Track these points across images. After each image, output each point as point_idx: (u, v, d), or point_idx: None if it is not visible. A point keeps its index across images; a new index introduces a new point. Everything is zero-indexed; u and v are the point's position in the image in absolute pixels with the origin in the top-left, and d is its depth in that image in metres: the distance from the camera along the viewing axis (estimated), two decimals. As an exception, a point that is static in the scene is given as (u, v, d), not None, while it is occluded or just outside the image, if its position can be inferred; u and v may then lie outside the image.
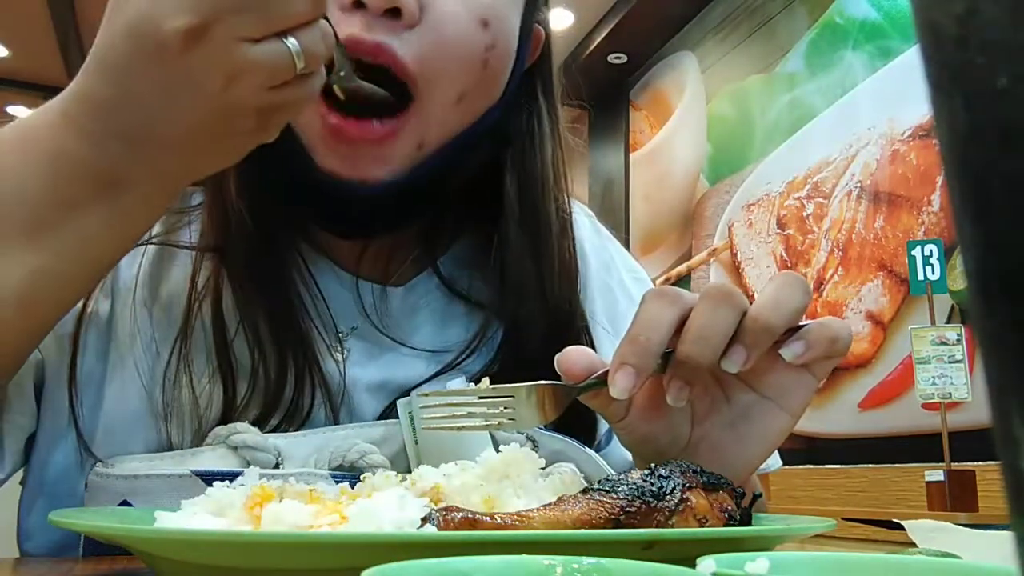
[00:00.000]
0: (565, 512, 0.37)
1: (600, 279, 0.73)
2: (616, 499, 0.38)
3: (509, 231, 0.61)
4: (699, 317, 0.46)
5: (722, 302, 0.46)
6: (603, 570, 0.27)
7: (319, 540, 0.31)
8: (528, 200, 0.62)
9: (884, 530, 1.98)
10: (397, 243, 0.64)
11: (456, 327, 0.64)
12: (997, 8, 0.12)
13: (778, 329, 0.46)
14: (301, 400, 0.57)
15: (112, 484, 0.53)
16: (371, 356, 0.61)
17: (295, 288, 0.60)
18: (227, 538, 0.33)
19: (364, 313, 0.62)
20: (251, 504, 0.37)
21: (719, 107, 4.01)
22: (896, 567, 0.30)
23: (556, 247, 0.62)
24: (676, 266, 4.23)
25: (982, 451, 2.29)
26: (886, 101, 2.99)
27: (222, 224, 0.58)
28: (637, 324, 0.46)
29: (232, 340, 0.58)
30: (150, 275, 0.60)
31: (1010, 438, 0.13)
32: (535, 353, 0.58)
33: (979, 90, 0.13)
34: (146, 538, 0.34)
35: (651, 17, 4.27)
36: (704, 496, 0.40)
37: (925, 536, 0.55)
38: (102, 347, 0.58)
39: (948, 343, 2.27)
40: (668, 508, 0.38)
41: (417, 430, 0.58)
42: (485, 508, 0.39)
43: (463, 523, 0.34)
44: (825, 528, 0.44)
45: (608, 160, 5.04)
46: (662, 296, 0.47)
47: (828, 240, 3.20)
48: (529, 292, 0.61)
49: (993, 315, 0.13)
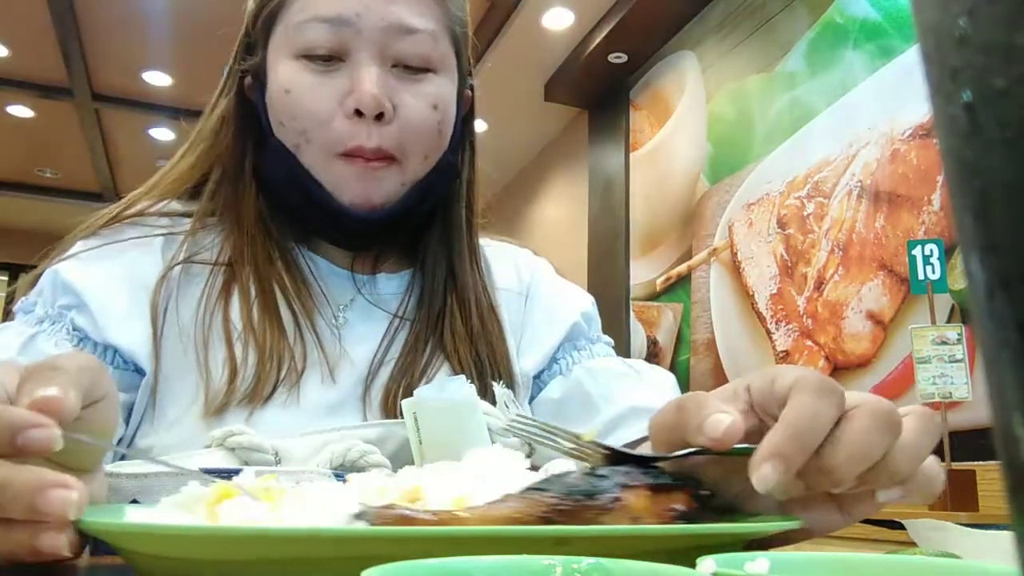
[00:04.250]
0: (499, 510, 0.37)
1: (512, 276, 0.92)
2: (549, 497, 0.38)
3: (433, 235, 0.84)
4: (864, 435, 0.42)
5: (888, 430, 0.43)
6: (603, 570, 0.27)
7: (241, 533, 0.35)
8: (454, 206, 0.84)
9: (884, 530, 1.98)
10: (383, 252, 0.84)
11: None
12: (997, 8, 0.12)
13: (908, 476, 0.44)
14: (295, 361, 0.72)
15: (122, 484, 0.55)
16: (365, 323, 0.79)
17: (300, 275, 0.78)
18: (154, 530, 0.36)
19: (358, 290, 0.81)
20: (212, 501, 0.40)
21: (719, 107, 4.01)
22: (896, 567, 0.30)
23: (466, 242, 0.84)
24: (676, 266, 4.23)
25: (982, 451, 2.29)
26: (886, 101, 2.99)
27: (240, 241, 0.77)
28: (799, 418, 0.42)
29: (245, 333, 0.72)
30: (180, 281, 0.76)
31: (1011, 437, 0.13)
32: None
33: (979, 90, 0.13)
34: (103, 529, 0.37)
35: (651, 17, 4.27)
36: (647, 497, 0.40)
37: (925, 536, 0.55)
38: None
39: (948, 343, 2.27)
40: (599, 507, 0.38)
41: (421, 430, 0.58)
42: (455, 507, 0.40)
43: (398, 520, 0.35)
44: (775, 528, 0.43)
45: (608, 160, 5.04)
46: (827, 394, 0.43)
47: (828, 240, 3.20)
48: (441, 274, 0.82)
49: (993, 315, 0.13)
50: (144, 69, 5.20)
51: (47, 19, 4.64)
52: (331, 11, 0.72)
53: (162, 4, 4.51)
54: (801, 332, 3.28)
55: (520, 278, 0.91)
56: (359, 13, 0.72)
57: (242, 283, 0.76)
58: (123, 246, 0.76)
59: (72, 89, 5.42)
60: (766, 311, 3.50)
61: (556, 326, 0.86)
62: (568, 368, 0.84)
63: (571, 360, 0.84)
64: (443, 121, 0.77)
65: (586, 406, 0.80)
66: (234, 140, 0.79)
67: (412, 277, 0.84)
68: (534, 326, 0.87)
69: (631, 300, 4.62)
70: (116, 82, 5.41)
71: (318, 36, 0.72)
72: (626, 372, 0.83)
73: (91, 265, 0.74)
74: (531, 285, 0.90)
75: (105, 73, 5.30)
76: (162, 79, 5.28)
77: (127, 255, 0.75)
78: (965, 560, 0.35)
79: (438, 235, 0.84)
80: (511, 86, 5.00)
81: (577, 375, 0.82)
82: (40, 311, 0.72)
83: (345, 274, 0.82)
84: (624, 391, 0.79)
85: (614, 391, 0.80)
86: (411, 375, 0.75)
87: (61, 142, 6.31)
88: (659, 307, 4.36)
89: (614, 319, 4.66)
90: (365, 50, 0.73)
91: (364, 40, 0.72)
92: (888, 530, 1.95)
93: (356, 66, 0.73)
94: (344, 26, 0.72)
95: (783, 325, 3.39)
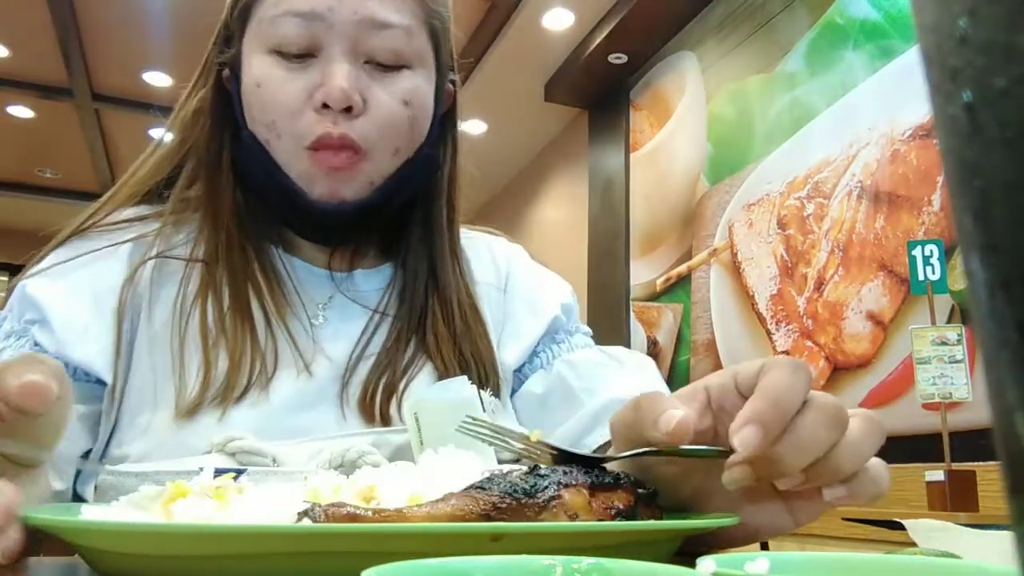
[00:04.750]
0: (441, 508, 0.38)
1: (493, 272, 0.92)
2: (489, 496, 0.39)
3: (413, 231, 0.83)
4: (812, 428, 0.44)
5: (835, 426, 0.45)
6: (603, 570, 0.27)
7: (191, 530, 0.36)
8: (435, 203, 0.83)
9: (884, 530, 1.98)
10: (359, 249, 0.84)
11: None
12: (997, 9, 0.12)
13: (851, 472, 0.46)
14: (265, 363, 0.72)
15: (125, 482, 0.55)
16: (344, 321, 0.79)
17: (276, 276, 0.78)
18: (107, 527, 0.38)
19: (336, 288, 0.81)
20: (166, 500, 0.42)
21: (719, 107, 4.01)
22: (896, 567, 0.30)
23: (447, 236, 0.84)
24: (676, 266, 4.23)
25: (982, 451, 2.29)
26: (886, 101, 2.99)
27: (214, 239, 0.77)
28: (775, 387, 0.44)
29: (216, 336, 0.73)
30: (152, 281, 0.76)
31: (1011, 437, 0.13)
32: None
33: (979, 90, 0.13)
34: (59, 526, 0.39)
35: (651, 17, 4.27)
36: (585, 494, 0.41)
37: (925, 536, 0.56)
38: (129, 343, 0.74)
39: (948, 343, 2.27)
40: (538, 504, 0.40)
41: (423, 431, 0.59)
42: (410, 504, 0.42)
43: (344, 517, 0.36)
44: (711, 525, 0.45)
45: (608, 160, 5.04)
46: (799, 370, 0.45)
47: (828, 240, 3.20)
48: (423, 273, 0.83)
49: (993, 315, 0.13)
50: (144, 69, 5.21)
51: (47, 19, 4.64)
52: (304, 5, 0.72)
53: (162, 4, 4.51)
54: (801, 332, 3.28)
55: (497, 270, 0.90)
56: (332, 8, 0.72)
57: (216, 285, 0.75)
58: (90, 257, 0.76)
59: (72, 89, 5.42)
60: (766, 311, 3.50)
61: (537, 319, 0.86)
62: (549, 362, 0.84)
63: (551, 354, 0.85)
64: (415, 116, 0.76)
65: (568, 400, 0.80)
66: (210, 132, 0.79)
67: (393, 272, 0.84)
68: (515, 319, 0.86)
69: (631, 300, 4.62)
70: (116, 82, 5.41)
71: (291, 30, 0.72)
72: (606, 362, 0.83)
73: (57, 280, 0.74)
74: (508, 275, 0.90)
75: (105, 73, 5.30)
76: (162, 79, 5.28)
77: (95, 266, 0.76)
78: (965, 560, 0.35)
79: (419, 232, 0.83)
80: (511, 86, 5.00)
81: (558, 369, 0.82)
82: (7, 326, 0.73)
83: (323, 273, 0.82)
84: (606, 382, 0.80)
85: (596, 383, 0.80)
86: (392, 372, 0.75)
87: (61, 142, 6.31)
88: (659, 307, 4.36)
89: (614, 319, 4.66)
90: (337, 44, 0.72)
91: (336, 35, 0.72)
92: (888, 530, 1.95)
93: (327, 61, 0.72)
94: (317, 20, 0.72)
95: (783, 325, 3.39)
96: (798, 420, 0.44)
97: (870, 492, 0.47)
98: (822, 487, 0.47)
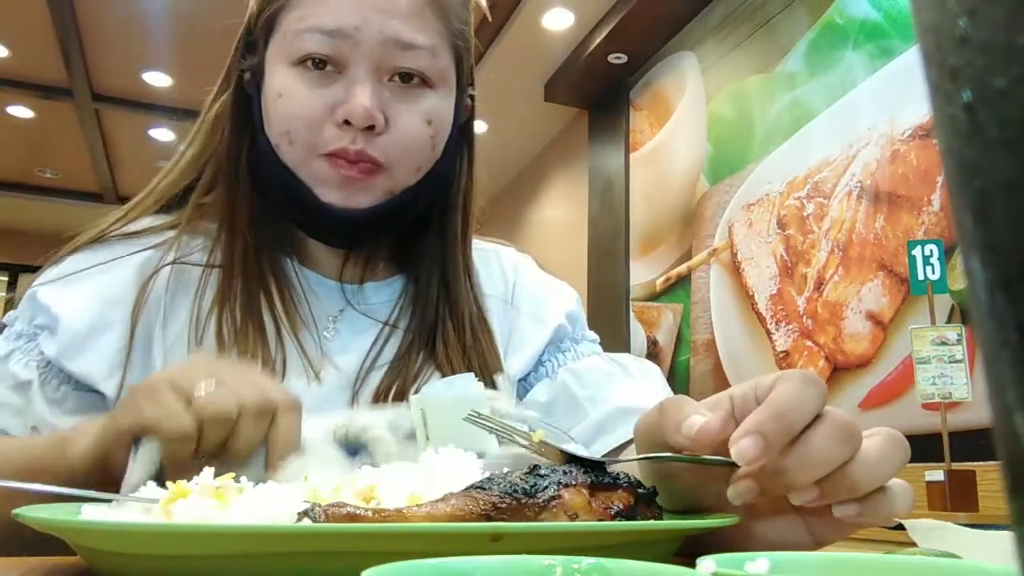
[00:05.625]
0: (441, 508, 0.39)
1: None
2: (490, 496, 0.39)
3: (426, 243, 0.84)
4: (821, 442, 0.44)
5: (846, 441, 0.44)
6: (603, 570, 0.27)
7: (191, 530, 0.37)
8: (449, 215, 0.84)
9: (884, 530, 1.98)
10: (370, 260, 0.84)
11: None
12: (997, 9, 0.12)
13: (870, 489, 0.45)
14: (275, 372, 0.73)
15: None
16: (354, 335, 0.80)
17: (290, 289, 0.79)
18: (109, 527, 0.38)
19: (347, 301, 0.82)
20: (166, 500, 0.43)
21: (719, 107, 4.01)
22: (896, 567, 0.30)
23: (460, 249, 0.84)
24: (676, 266, 4.23)
25: (982, 451, 2.28)
26: (886, 101, 2.99)
27: (230, 247, 0.78)
28: (783, 400, 0.44)
29: (229, 346, 0.74)
30: (168, 290, 0.78)
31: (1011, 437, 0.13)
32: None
33: (979, 90, 0.13)
34: (60, 527, 0.39)
35: (651, 17, 4.27)
36: (585, 494, 0.41)
37: (925, 536, 0.56)
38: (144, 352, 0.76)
39: (948, 343, 2.27)
40: (538, 504, 0.40)
41: (428, 426, 0.59)
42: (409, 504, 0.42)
43: (344, 517, 0.37)
44: (710, 526, 0.44)
45: (608, 160, 5.04)
46: (811, 384, 0.45)
47: (828, 240, 3.20)
48: (435, 286, 0.83)
49: (993, 315, 0.13)
50: (144, 69, 5.20)
51: (47, 19, 4.64)
52: (331, 23, 0.72)
53: (162, 4, 4.51)
54: (801, 332, 3.28)
55: (505, 281, 0.91)
56: (358, 26, 0.72)
57: (232, 294, 0.76)
58: (104, 267, 0.77)
59: (72, 89, 5.42)
60: (766, 311, 3.50)
61: (542, 328, 0.86)
62: (553, 371, 0.84)
63: (556, 363, 0.85)
64: (436, 136, 0.77)
65: (573, 409, 0.80)
66: (231, 137, 0.80)
67: (404, 284, 0.84)
68: (520, 329, 0.87)
69: (631, 300, 4.62)
70: (116, 82, 5.41)
71: (316, 46, 0.72)
72: (612, 370, 0.83)
73: (69, 287, 0.76)
74: (515, 285, 0.91)
75: (105, 73, 5.30)
76: (162, 79, 5.28)
77: (108, 276, 0.77)
78: (965, 560, 0.35)
79: (432, 245, 0.83)
80: (511, 86, 5.00)
81: (563, 378, 0.83)
82: (18, 327, 0.76)
83: (334, 285, 0.82)
84: (610, 392, 0.80)
85: (600, 392, 0.80)
86: (403, 379, 0.76)
87: (61, 142, 6.31)
88: (659, 307, 4.36)
89: (614, 319, 4.66)
90: (362, 63, 0.73)
91: (362, 53, 0.72)
92: (888, 530, 1.95)
93: (352, 78, 0.73)
94: (343, 38, 0.72)
95: (783, 325, 3.39)
96: (808, 433, 0.44)
97: (885, 512, 0.46)
98: (833, 504, 0.46)
